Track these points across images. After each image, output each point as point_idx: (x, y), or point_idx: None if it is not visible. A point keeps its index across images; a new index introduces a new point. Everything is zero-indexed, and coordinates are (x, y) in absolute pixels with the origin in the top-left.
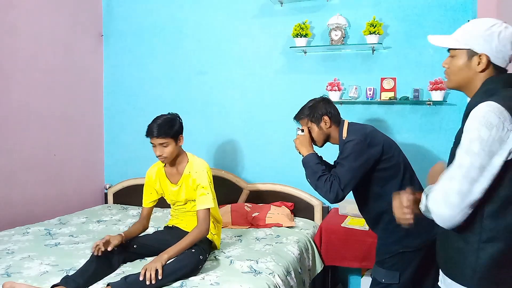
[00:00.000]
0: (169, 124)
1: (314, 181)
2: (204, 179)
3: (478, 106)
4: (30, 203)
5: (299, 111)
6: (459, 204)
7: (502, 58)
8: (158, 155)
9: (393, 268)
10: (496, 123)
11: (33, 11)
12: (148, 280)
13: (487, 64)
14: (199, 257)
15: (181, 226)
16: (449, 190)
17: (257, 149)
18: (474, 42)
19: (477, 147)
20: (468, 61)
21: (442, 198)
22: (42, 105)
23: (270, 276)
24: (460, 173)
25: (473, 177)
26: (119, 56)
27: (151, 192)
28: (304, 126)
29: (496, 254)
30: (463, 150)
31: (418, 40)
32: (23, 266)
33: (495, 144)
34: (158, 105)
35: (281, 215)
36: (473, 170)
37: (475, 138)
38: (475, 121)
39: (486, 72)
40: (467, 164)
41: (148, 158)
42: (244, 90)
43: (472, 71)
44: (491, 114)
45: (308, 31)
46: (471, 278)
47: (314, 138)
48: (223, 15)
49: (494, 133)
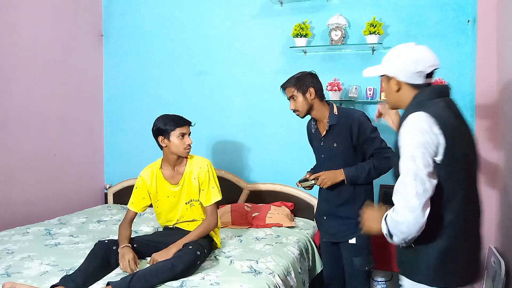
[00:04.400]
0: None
1: (374, 174)
2: (208, 174)
3: (408, 117)
4: (30, 203)
5: (287, 80)
6: (419, 205)
7: (411, 76)
8: (189, 143)
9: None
10: (426, 129)
11: (33, 11)
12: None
13: (398, 84)
14: (197, 252)
15: (182, 226)
16: (406, 196)
17: (257, 149)
18: (387, 68)
19: (417, 151)
20: (388, 85)
21: (403, 205)
22: (42, 105)
23: (270, 276)
24: (410, 178)
25: (422, 178)
26: (119, 56)
27: (144, 197)
28: (289, 94)
29: (443, 249)
30: (407, 158)
31: (418, 40)
32: (23, 266)
33: (431, 146)
34: (158, 105)
35: (281, 215)
36: (420, 171)
37: (413, 144)
38: (409, 130)
39: (409, 89)
40: (414, 168)
41: (148, 158)
42: (244, 90)
43: (393, 92)
44: (420, 122)
45: (308, 31)
46: (425, 274)
47: (298, 108)
48: (223, 15)
49: (427, 137)
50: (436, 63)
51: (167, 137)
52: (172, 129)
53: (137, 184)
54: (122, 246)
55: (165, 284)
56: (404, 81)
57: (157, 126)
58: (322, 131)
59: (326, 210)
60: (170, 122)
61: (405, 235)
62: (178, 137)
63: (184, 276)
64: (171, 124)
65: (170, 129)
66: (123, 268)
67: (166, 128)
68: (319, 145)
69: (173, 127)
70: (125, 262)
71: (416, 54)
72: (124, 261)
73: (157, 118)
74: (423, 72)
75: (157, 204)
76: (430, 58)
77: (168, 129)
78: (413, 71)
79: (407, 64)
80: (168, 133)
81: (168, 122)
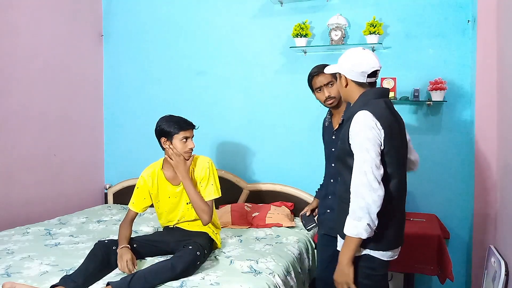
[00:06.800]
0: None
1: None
2: (208, 171)
3: (357, 114)
4: (30, 203)
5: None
6: (379, 185)
7: (355, 75)
8: (191, 147)
9: None
10: (373, 125)
11: (33, 11)
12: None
13: (346, 80)
14: (197, 253)
15: (183, 226)
16: (368, 180)
17: (257, 149)
18: (339, 67)
19: (369, 143)
20: (340, 81)
21: (367, 189)
22: (42, 105)
23: (270, 276)
24: (368, 165)
25: (377, 163)
26: (119, 56)
27: (145, 197)
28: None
29: (382, 221)
30: (362, 150)
31: (418, 40)
32: (23, 266)
33: (378, 139)
34: (158, 105)
35: (281, 215)
36: (376, 159)
37: (364, 138)
38: (359, 126)
39: (355, 86)
40: (369, 158)
41: (148, 158)
42: (244, 90)
43: (343, 87)
44: (367, 119)
45: (308, 31)
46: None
47: (336, 95)
48: (223, 15)
49: (374, 132)
50: (376, 65)
51: (170, 139)
52: (176, 132)
53: (138, 185)
54: (121, 247)
55: (165, 284)
56: (350, 79)
57: (161, 127)
58: (335, 124)
59: (330, 204)
60: (174, 125)
61: (374, 215)
62: (181, 141)
63: (184, 276)
64: (175, 127)
65: (173, 132)
66: (121, 268)
67: (169, 131)
68: (331, 139)
69: (177, 130)
70: (123, 262)
71: (360, 57)
72: (122, 262)
73: (160, 119)
74: (365, 72)
75: (158, 205)
76: (371, 61)
77: (171, 132)
78: (357, 71)
79: (352, 65)
80: (172, 136)
81: (172, 125)
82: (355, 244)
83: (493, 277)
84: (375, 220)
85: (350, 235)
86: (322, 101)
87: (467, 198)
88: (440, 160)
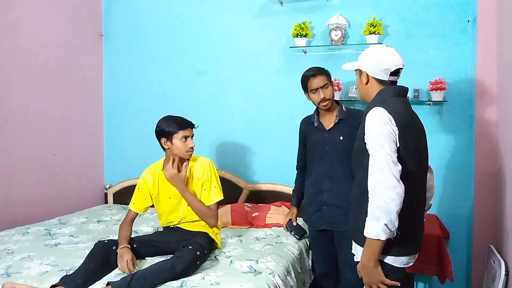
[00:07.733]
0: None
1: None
2: (210, 173)
3: (371, 111)
4: (30, 203)
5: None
6: (398, 182)
7: (378, 72)
8: (192, 146)
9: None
10: (387, 120)
11: (33, 11)
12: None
13: (367, 78)
14: (197, 253)
15: (184, 226)
16: (385, 178)
17: (257, 149)
18: (361, 63)
19: (384, 139)
20: (360, 78)
21: (383, 187)
22: (42, 105)
23: (270, 276)
24: (385, 162)
25: (393, 160)
26: (119, 56)
27: (145, 197)
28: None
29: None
30: (377, 146)
31: (418, 40)
32: (23, 266)
33: (393, 135)
34: (158, 105)
35: (281, 215)
36: (392, 155)
37: (379, 133)
38: (373, 123)
39: (376, 84)
40: (385, 154)
41: (149, 158)
42: (244, 90)
43: (363, 84)
44: (381, 115)
45: (308, 31)
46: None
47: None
48: (223, 15)
49: (389, 128)
50: (399, 63)
51: (170, 139)
52: (175, 132)
53: (139, 185)
54: (121, 247)
55: (165, 284)
56: (372, 76)
57: (160, 128)
58: (327, 124)
59: (326, 200)
60: (174, 125)
61: (393, 215)
62: (181, 140)
63: (184, 276)
64: (174, 127)
65: (173, 132)
66: (121, 268)
67: (169, 131)
68: (323, 137)
69: (176, 129)
70: (123, 262)
71: (384, 54)
72: (122, 262)
73: (160, 119)
74: (388, 70)
75: (159, 205)
76: (395, 59)
77: (171, 132)
78: (380, 68)
79: (375, 62)
80: (171, 136)
81: (172, 125)
82: (377, 246)
83: (493, 277)
84: (394, 221)
85: (369, 237)
86: (316, 103)
87: (467, 198)
88: (440, 160)
